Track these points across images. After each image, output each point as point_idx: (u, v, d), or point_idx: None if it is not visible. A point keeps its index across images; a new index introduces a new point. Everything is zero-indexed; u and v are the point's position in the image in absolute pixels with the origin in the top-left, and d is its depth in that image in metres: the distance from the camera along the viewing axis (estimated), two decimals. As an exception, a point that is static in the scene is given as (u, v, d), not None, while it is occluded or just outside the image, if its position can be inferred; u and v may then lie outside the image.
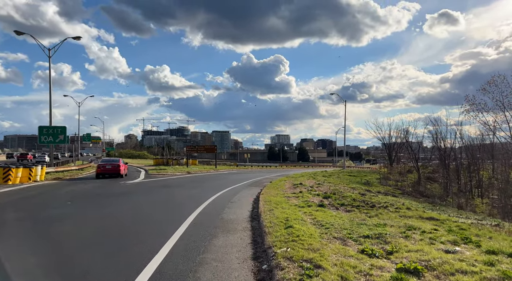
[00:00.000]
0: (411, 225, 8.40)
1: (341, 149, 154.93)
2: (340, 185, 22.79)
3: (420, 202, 20.02)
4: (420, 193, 26.46)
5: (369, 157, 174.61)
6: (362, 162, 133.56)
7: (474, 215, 14.39)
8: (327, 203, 13.32)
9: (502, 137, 35.24)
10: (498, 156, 38.68)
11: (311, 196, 15.47)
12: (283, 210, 11.08)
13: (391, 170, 39.76)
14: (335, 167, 76.64)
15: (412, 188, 28.72)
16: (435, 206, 15.90)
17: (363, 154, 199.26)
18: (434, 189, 30.65)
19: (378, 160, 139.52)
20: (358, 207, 12.18)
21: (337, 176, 34.20)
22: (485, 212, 23.03)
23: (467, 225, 8.91)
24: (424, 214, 10.60)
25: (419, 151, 38.52)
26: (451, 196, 28.07)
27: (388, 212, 10.92)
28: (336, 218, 9.86)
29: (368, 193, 18.06)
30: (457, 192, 31.75)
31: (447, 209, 15.64)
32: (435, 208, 14.26)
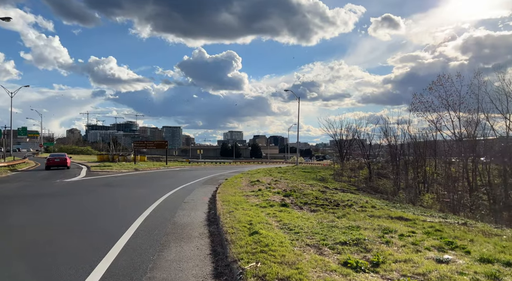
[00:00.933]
0: (386, 227, 7.68)
1: (293, 145, 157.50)
2: (298, 182, 22.19)
3: (377, 198, 20.03)
4: (373, 189, 26.88)
5: (318, 154, 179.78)
6: (312, 159, 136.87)
7: (434, 211, 14.40)
8: (289, 202, 12.41)
9: (447, 134, 37.20)
10: (440, 153, 40.88)
11: (271, 194, 14.51)
12: (244, 211, 9.94)
13: (343, 167, 40.38)
14: (287, 163, 77.17)
15: (366, 184, 29.16)
16: (395, 203, 15.77)
17: (312, 150, 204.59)
18: (385, 185, 31.47)
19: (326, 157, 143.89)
20: (322, 206, 11.40)
21: (292, 172, 33.84)
22: (433, 207, 23.86)
23: (439, 225, 8.42)
24: (392, 213, 10.05)
25: (370, 148, 39.59)
26: (401, 191, 28.93)
27: (355, 212, 10.23)
28: (303, 219, 8.92)
29: (328, 190, 17.55)
30: (405, 187, 32.84)
31: (408, 206, 15.54)
32: (396, 206, 14.02)
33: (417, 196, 26.95)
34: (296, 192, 15.40)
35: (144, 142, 66.59)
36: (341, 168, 38.56)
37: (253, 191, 15.50)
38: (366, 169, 40.35)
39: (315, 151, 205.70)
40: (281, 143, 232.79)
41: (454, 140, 38.31)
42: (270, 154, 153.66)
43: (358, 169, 42.04)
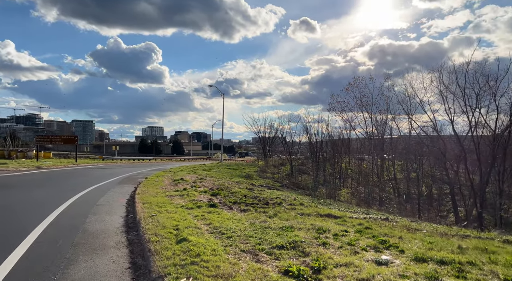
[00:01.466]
0: (319, 226, 7.50)
1: (216, 142, 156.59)
2: (224, 180, 21.62)
3: (300, 194, 20.51)
4: (296, 185, 27.66)
5: (241, 150, 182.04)
6: (235, 155, 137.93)
7: (355, 207, 15.07)
8: (217, 201, 11.74)
9: (360, 133, 40.16)
10: (354, 150, 44.11)
11: (197, 193, 13.67)
12: (169, 214, 8.99)
13: (267, 163, 41.04)
14: (211, 160, 76.24)
15: (288, 180, 29.92)
16: (319, 200, 16.17)
17: (236, 147, 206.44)
18: (306, 181, 32.71)
19: (249, 153, 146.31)
20: (252, 205, 10.99)
21: (217, 169, 33.16)
22: (350, 201, 25.47)
23: (366, 222, 8.59)
24: (320, 211, 10.06)
25: (292, 145, 40.86)
26: (320, 187, 30.36)
27: (285, 210, 10.00)
28: (235, 221, 8.35)
29: (255, 188, 17.30)
30: (323, 182, 34.62)
31: (332, 202, 16.04)
32: (321, 202, 14.32)
33: (335, 191, 28.46)
34: (223, 190, 14.79)
35: (49, 136, 59.38)
36: (265, 165, 39.10)
37: (177, 191, 14.47)
38: (288, 166, 41.61)
39: (238, 148, 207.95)
40: (204, 140, 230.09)
41: (366, 138, 41.64)
42: (193, 150, 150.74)
43: (280, 165, 43.16)
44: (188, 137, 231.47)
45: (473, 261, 4.92)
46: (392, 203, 32.01)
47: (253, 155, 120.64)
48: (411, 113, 35.19)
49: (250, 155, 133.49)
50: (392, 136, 38.64)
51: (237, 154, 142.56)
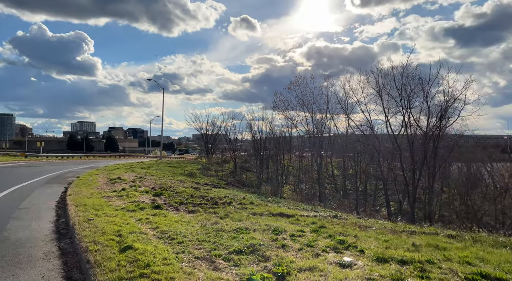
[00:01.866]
0: (275, 227, 7.23)
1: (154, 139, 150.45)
2: (166, 178, 20.57)
3: (246, 191, 20.27)
4: (241, 183, 27.41)
5: (181, 147, 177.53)
6: (175, 153, 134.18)
7: (302, 204, 15.19)
8: (162, 202, 10.96)
9: (301, 130, 41.20)
10: (295, 148, 45.22)
11: (138, 194, 12.68)
12: (108, 218, 8.09)
13: (210, 161, 40.26)
14: (149, 158, 73.06)
15: (233, 178, 29.57)
16: (267, 198, 16.03)
17: (175, 144, 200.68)
18: (250, 178, 32.64)
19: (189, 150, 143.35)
20: (200, 205, 10.42)
21: (157, 167, 31.61)
22: (293, 198, 25.94)
23: (319, 220, 8.56)
24: (272, 209, 9.84)
25: (235, 142, 40.57)
26: (264, 184, 30.50)
27: (236, 210, 9.62)
28: (184, 224, 7.75)
29: (200, 187, 16.65)
30: (266, 179, 34.88)
31: (280, 200, 15.98)
32: (270, 200, 14.17)
33: (279, 188, 28.77)
34: (167, 190, 13.95)
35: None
36: (208, 163, 38.31)
37: (115, 191, 13.31)
38: (231, 163, 41.27)
39: (178, 144, 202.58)
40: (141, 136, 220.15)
41: (307, 136, 42.90)
42: (129, 147, 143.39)
43: (223, 163, 42.63)
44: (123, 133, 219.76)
45: (431, 259, 4.99)
46: (331, 199, 33.30)
47: (193, 153, 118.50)
48: (348, 113, 36.97)
49: (190, 152, 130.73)
50: (331, 134, 40.35)
51: (176, 151, 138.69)
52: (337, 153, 39.92)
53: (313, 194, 32.55)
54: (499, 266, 4.84)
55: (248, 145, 52.83)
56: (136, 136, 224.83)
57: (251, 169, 38.80)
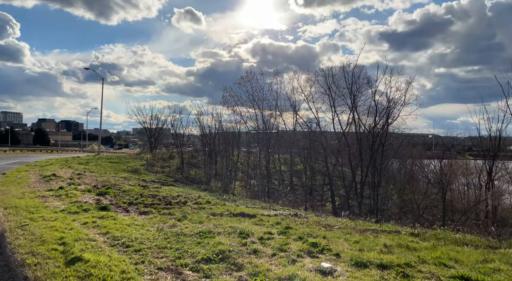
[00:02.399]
0: (240, 229, 6.80)
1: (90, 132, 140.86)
2: (108, 175, 19.06)
3: (196, 189, 19.48)
4: (190, 180, 26.41)
5: (121, 142, 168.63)
6: (114, 147, 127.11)
7: (258, 202, 14.87)
8: (108, 202, 9.95)
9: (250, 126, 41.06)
10: (243, 144, 45.01)
11: (79, 193, 11.42)
12: (47, 222, 7.03)
13: (154, 156, 38.46)
14: (86, 152, 68.09)
15: (181, 175, 28.45)
16: (221, 195, 15.46)
17: (114, 138, 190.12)
18: (199, 175, 31.70)
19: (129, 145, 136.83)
20: (153, 205, 9.63)
21: (96, 163, 29.36)
22: (243, 194, 25.67)
23: (282, 220, 8.31)
24: (231, 209, 9.39)
25: (182, 137, 39.13)
26: (213, 180, 29.84)
27: (194, 210, 9.01)
28: (137, 227, 7.00)
29: (149, 185, 15.62)
30: (215, 175, 34.22)
31: (236, 198, 15.46)
32: (226, 198, 13.65)
33: (229, 185, 28.32)
34: (112, 188, 12.81)
35: None
36: (152, 158, 36.56)
37: (51, 190, 11.88)
38: (177, 159, 39.88)
39: (117, 138, 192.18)
40: (76, 129, 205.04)
41: (255, 132, 42.92)
42: (62, 141, 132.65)
43: (169, 158, 41.04)
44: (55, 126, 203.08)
45: (408, 262, 4.93)
46: (278, 195, 33.66)
47: (133, 147, 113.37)
48: (296, 109, 37.60)
49: (130, 147, 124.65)
50: (279, 130, 40.71)
51: (115, 145, 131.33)
52: (285, 149, 40.46)
53: (262, 190, 32.62)
54: (475, 267, 4.92)
55: (195, 140, 51.58)
56: (70, 129, 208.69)
57: (199, 165, 37.80)
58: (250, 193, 28.54)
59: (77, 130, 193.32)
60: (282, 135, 40.53)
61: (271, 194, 33.72)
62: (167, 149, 44.00)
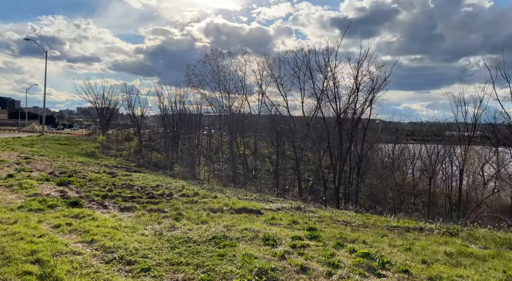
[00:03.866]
0: (263, 234, 5.65)
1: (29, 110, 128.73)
2: (63, 160, 16.73)
3: (163, 174, 17.82)
4: (153, 165, 24.38)
5: (64, 121, 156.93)
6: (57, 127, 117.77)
7: (247, 192, 13.64)
8: (76, 195, 8.25)
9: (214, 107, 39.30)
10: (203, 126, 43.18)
11: (35, 182, 9.46)
12: (4, 226, 5.35)
13: (109, 138, 35.45)
14: (26, 133, 61.78)
15: (142, 159, 26.23)
16: (200, 184, 14.04)
17: (56, 117, 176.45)
18: (158, 158, 29.64)
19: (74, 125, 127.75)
20: (133, 199, 8.13)
21: (43, 145, 26.16)
22: (211, 181, 24.39)
23: (298, 218, 7.27)
24: (229, 203, 8.16)
25: (141, 118, 36.29)
26: (176, 165, 28.06)
27: (187, 206, 7.70)
28: (128, 231, 5.59)
29: (117, 172, 13.76)
30: (176, 159, 32.35)
31: (223, 189, 13.92)
32: (209, 188, 12.29)
33: (195, 170, 26.81)
34: (74, 176, 10.94)
35: None
36: (107, 140, 33.66)
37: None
38: (134, 141, 37.24)
39: (60, 118, 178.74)
40: (12, 107, 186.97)
41: (217, 115, 41.32)
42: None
43: (125, 140, 38.21)
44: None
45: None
46: (244, 180, 32.78)
47: (77, 128, 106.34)
48: (263, 92, 36.48)
49: (74, 127, 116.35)
50: (244, 113, 39.46)
51: (59, 125, 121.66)
52: (251, 132, 39.41)
53: (227, 175, 31.50)
54: None
55: (150, 122, 48.64)
56: (5, 107, 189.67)
57: (157, 148, 35.56)
58: (218, 179, 27.28)
59: (13, 108, 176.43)
60: (247, 118, 39.38)
61: (237, 179, 32.75)
62: (121, 131, 40.92)
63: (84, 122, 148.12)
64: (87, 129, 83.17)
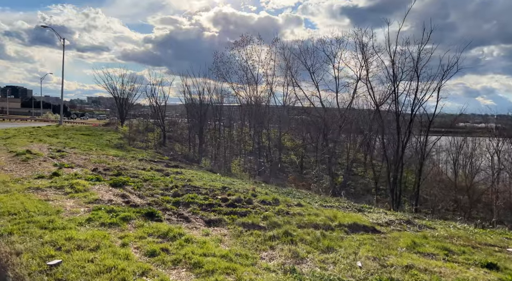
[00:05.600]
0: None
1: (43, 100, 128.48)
2: (98, 153, 15.49)
3: (199, 169, 16.51)
4: (184, 157, 23.05)
5: (76, 111, 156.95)
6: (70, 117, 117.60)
7: (314, 195, 12.07)
8: (141, 201, 6.91)
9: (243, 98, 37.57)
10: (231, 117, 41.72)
11: (87, 183, 8.14)
12: (84, 253, 4.00)
13: (131, 129, 34.28)
14: (42, 122, 61.15)
15: (173, 152, 24.94)
16: (257, 183, 12.60)
17: (68, 107, 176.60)
18: (183, 150, 28.26)
19: (86, 115, 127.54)
20: (213, 208, 6.74)
21: (67, 135, 24.97)
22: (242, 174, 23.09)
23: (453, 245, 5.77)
24: (333, 216, 6.70)
25: (164, 109, 34.89)
26: (204, 158, 26.79)
27: (285, 220, 6.27)
28: (247, 263, 4.22)
29: (165, 169, 12.41)
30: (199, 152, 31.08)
31: (291, 190, 12.45)
32: (284, 191, 10.78)
33: (227, 164, 25.52)
34: (123, 175, 9.63)
35: None
36: (130, 131, 32.52)
37: (42, 178, 8.50)
38: (156, 132, 36.07)
39: (72, 107, 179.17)
40: (24, 96, 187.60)
41: (239, 105, 39.82)
42: (10, 108, 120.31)
43: (146, 131, 37.05)
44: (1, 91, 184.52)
45: None
46: (269, 173, 31.38)
47: (87, 117, 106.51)
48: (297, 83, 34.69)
49: (86, 116, 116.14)
50: (270, 105, 37.82)
51: (73, 115, 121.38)
52: (274, 124, 37.81)
53: (251, 168, 30.14)
54: None
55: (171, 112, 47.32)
56: (18, 96, 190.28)
57: (179, 139, 34.29)
58: (245, 173, 25.93)
59: (26, 97, 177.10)
60: (273, 109, 37.70)
61: (262, 172, 31.42)
62: (142, 121, 39.75)
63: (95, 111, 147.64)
64: (98, 118, 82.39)
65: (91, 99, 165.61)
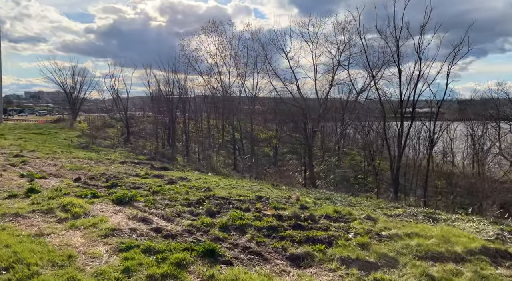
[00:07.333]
0: None
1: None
2: (65, 156, 12.88)
3: (191, 170, 14.47)
4: (161, 156, 20.51)
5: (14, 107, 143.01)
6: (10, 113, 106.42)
7: (300, 189, 10.47)
8: (176, 227, 5.04)
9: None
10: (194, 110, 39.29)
11: (81, 201, 5.99)
12: None
13: (89, 126, 30.67)
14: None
15: (144, 149, 22.28)
16: (276, 187, 10.81)
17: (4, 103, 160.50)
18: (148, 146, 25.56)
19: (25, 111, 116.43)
20: (280, 233, 5.07)
21: (16, 135, 21.35)
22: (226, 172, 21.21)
23: None
24: (449, 235, 5.29)
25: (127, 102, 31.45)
26: (178, 155, 24.44)
27: (385, 252, 4.78)
28: None
29: (156, 171, 10.34)
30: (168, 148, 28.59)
31: (333, 195, 10.60)
32: (313, 193, 9.15)
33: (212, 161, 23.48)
34: (119, 185, 7.59)
35: None
36: (88, 128, 29.10)
37: (14, 197, 6.25)
38: (116, 128, 32.82)
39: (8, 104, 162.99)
40: None
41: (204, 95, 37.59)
42: None
43: (104, 127, 33.60)
44: None
45: None
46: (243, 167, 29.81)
47: (26, 114, 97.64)
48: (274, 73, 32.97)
49: (26, 113, 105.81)
50: (240, 96, 35.87)
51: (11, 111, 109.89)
52: (245, 116, 36.06)
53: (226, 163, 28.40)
54: None
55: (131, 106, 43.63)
56: None
57: (143, 135, 31.39)
58: (229, 169, 24.13)
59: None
60: (242, 99, 35.80)
61: (238, 167, 29.77)
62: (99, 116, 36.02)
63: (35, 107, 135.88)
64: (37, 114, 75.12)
65: (29, 94, 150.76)
